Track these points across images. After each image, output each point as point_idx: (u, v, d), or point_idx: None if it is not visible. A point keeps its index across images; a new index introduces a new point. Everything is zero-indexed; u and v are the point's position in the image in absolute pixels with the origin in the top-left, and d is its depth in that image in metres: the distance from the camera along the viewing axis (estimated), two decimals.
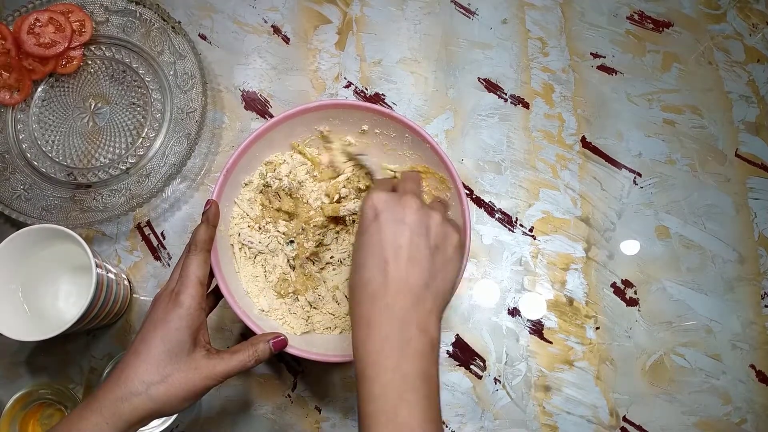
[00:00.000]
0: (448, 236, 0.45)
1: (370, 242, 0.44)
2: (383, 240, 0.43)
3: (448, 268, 0.45)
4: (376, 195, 0.45)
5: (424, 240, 0.44)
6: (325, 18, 0.75)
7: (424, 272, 0.43)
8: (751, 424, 0.65)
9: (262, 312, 0.58)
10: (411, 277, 0.42)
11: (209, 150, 0.71)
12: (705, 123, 0.72)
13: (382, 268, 0.43)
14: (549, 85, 0.73)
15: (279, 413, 0.65)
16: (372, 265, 0.43)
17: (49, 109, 0.71)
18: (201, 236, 0.52)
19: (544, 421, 0.65)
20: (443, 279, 0.44)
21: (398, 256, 0.43)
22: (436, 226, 0.45)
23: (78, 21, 0.70)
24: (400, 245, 0.43)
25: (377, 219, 0.44)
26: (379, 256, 0.43)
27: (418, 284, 0.43)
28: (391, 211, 0.44)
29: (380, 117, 0.58)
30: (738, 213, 0.70)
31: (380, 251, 0.43)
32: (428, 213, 0.45)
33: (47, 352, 0.66)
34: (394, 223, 0.44)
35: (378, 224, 0.44)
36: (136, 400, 0.45)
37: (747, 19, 0.76)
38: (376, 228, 0.44)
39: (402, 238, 0.43)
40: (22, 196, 0.67)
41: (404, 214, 0.44)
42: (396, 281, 0.42)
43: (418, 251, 0.43)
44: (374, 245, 0.44)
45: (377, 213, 0.45)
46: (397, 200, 0.45)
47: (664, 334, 0.67)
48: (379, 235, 0.44)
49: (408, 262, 0.43)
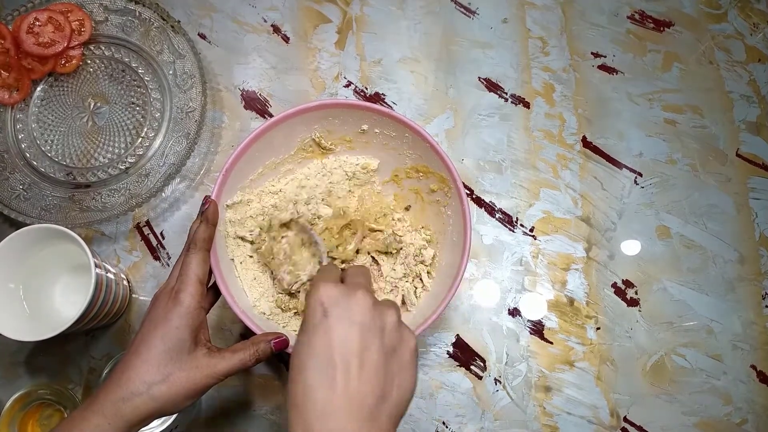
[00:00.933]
0: (404, 339, 0.41)
1: (317, 345, 0.39)
2: (332, 344, 0.39)
3: (405, 375, 0.40)
4: (323, 288, 0.41)
5: (377, 343, 0.39)
6: (325, 17, 0.75)
7: (378, 383, 0.38)
8: (751, 424, 0.65)
9: (263, 314, 0.58)
10: (363, 391, 0.38)
11: (209, 150, 0.71)
12: (706, 123, 0.72)
13: (330, 380, 0.38)
14: (550, 85, 0.73)
15: (279, 413, 0.64)
16: (318, 374, 0.38)
17: (48, 109, 0.70)
18: (200, 235, 0.51)
19: (544, 422, 0.64)
20: (399, 387, 0.40)
21: (349, 365, 0.38)
22: (391, 326, 0.41)
23: (77, 20, 0.70)
24: (351, 351, 0.38)
25: (326, 317, 0.40)
26: (327, 363, 0.38)
27: (371, 400, 0.38)
28: (341, 308, 0.40)
29: (380, 116, 0.58)
30: (739, 213, 0.70)
31: (328, 358, 0.38)
32: (382, 312, 0.41)
33: (46, 353, 0.66)
34: (345, 323, 0.39)
35: (326, 324, 0.40)
36: (137, 400, 0.45)
37: (748, 18, 0.75)
38: (323, 329, 0.39)
39: (353, 342, 0.39)
40: (21, 195, 0.67)
41: (355, 313, 0.40)
42: (345, 397, 0.37)
43: (370, 358, 0.39)
44: (321, 350, 0.39)
45: (325, 310, 0.40)
46: (347, 296, 0.41)
47: (664, 335, 0.67)
48: (327, 338, 0.39)
49: (360, 372, 0.38)
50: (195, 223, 0.52)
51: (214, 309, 0.66)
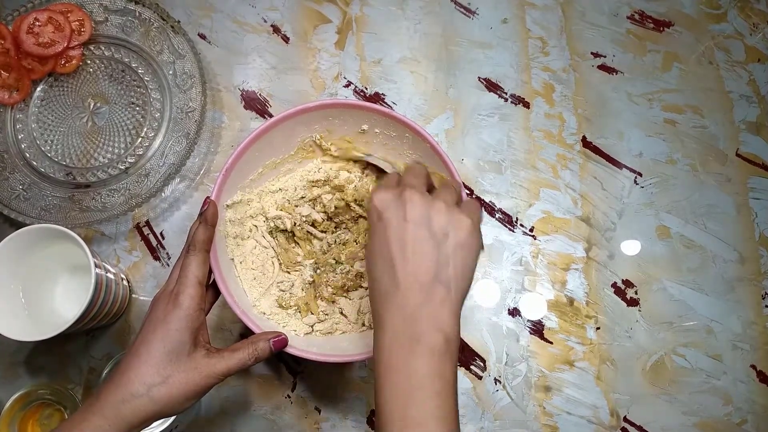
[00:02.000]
0: (455, 222, 0.44)
1: (376, 243, 0.44)
2: (388, 240, 0.43)
3: (461, 254, 0.43)
4: (377, 195, 0.45)
5: (427, 232, 0.43)
6: (325, 17, 0.75)
7: (431, 264, 0.42)
8: (751, 424, 0.65)
9: (263, 314, 0.58)
10: (419, 272, 0.42)
11: (208, 150, 0.71)
12: (706, 123, 0.72)
13: (389, 268, 0.43)
14: (549, 85, 0.73)
15: (278, 414, 0.64)
16: (380, 265, 0.44)
17: (48, 109, 0.70)
18: (200, 236, 0.51)
19: (544, 422, 0.64)
20: (455, 267, 0.43)
21: (404, 253, 0.43)
22: (440, 215, 0.44)
23: (77, 20, 0.70)
24: (405, 242, 0.43)
25: (381, 219, 0.44)
26: (386, 255, 0.43)
27: (426, 278, 0.42)
28: (393, 210, 0.44)
29: (380, 116, 0.58)
30: (739, 213, 0.70)
31: (386, 251, 0.43)
32: (431, 204, 0.44)
33: (46, 353, 0.66)
34: (396, 222, 0.44)
35: (382, 224, 0.44)
36: (137, 402, 0.45)
37: (748, 18, 0.75)
38: (380, 229, 0.44)
39: (406, 234, 0.43)
40: (21, 195, 0.67)
41: (405, 211, 0.44)
42: (403, 278, 0.42)
43: (422, 245, 0.43)
44: (380, 246, 0.44)
45: (380, 213, 0.45)
46: (398, 197, 0.45)
47: (664, 335, 0.67)
48: (383, 235, 0.44)
49: (413, 257, 0.42)
50: (194, 224, 0.52)
51: (214, 309, 0.66)
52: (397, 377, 0.41)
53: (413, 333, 0.41)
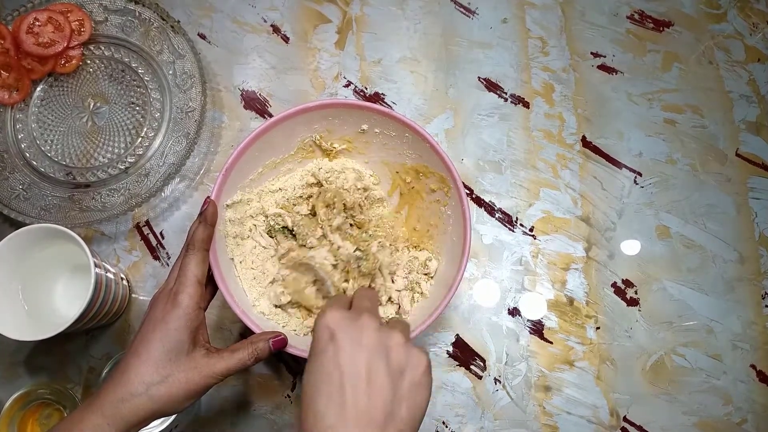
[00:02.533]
0: (413, 358, 0.41)
1: (324, 368, 0.40)
2: (339, 365, 0.40)
3: (416, 395, 0.40)
4: (330, 314, 0.42)
5: (383, 365, 0.40)
6: (325, 17, 0.75)
7: (386, 402, 0.39)
8: (751, 424, 0.65)
9: (263, 314, 0.58)
10: (371, 409, 0.38)
11: (208, 149, 0.71)
12: (706, 122, 0.72)
13: (338, 400, 0.39)
14: (549, 85, 0.73)
15: (278, 413, 0.64)
16: (327, 395, 0.39)
17: (48, 109, 0.70)
18: (199, 235, 0.51)
19: (544, 422, 0.64)
20: (410, 407, 0.40)
21: (356, 385, 0.39)
22: (398, 347, 0.41)
23: (77, 20, 0.70)
24: (358, 372, 0.39)
25: (332, 341, 0.41)
26: (335, 384, 0.39)
27: (380, 416, 0.38)
28: (347, 333, 0.41)
29: (380, 116, 0.58)
30: (739, 213, 0.70)
31: (336, 379, 0.39)
32: (388, 334, 0.41)
33: (46, 352, 0.66)
34: (351, 346, 0.40)
35: (334, 347, 0.40)
36: (136, 401, 0.45)
37: (747, 18, 0.75)
38: (332, 352, 0.40)
39: (360, 363, 0.39)
40: (21, 195, 0.67)
41: (362, 336, 0.40)
42: (354, 414, 0.38)
43: (377, 378, 0.39)
44: (329, 372, 0.40)
45: (332, 334, 0.41)
46: (353, 320, 0.42)
47: (664, 334, 0.67)
48: (334, 360, 0.40)
49: (367, 390, 0.39)
50: (194, 224, 0.52)
51: (214, 309, 0.66)
52: None
53: None
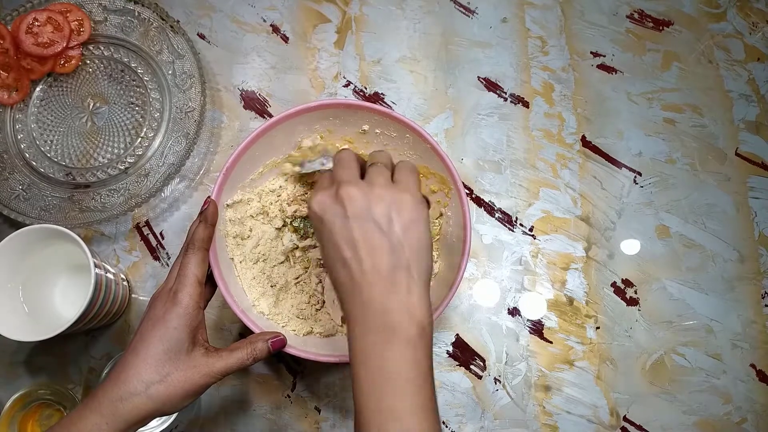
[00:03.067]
0: (396, 203, 0.43)
1: (327, 248, 0.44)
2: (336, 242, 0.43)
3: (411, 233, 0.43)
4: (314, 200, 0.45)
5: (372, 224, 0.42)
6: (324, 17, 0.75)
7: (386, 254, 0.42)
8: (751, 423, 0.65)
9: (262, 314, 0.58)
10: (377, 265, 0.42)
11: (208, 150, 0.71)
12: (705, 122, 0.72)
13: (347, 269, 0.42)
14: (549, 84, 0.73)
15: (278, 413, 0.64)
16: (337, 269, 0.43)
17: (47, 109, 0.70)
18: (199, 235, 0.51)
19: (544, 421, 0.64)
20: (410, 247, 0.42)
21: (356, 250, 0.42)
22: (379, 202, 0.43)
23: (76, 20, 0.70)
24: (354, 240, 0.42)
25: (323, 223, 0.44)
26: (340, 258, 0.43)
27: (385, 268, 0.42)
28: (332, 210, 0.43)
29: (381, 117, 0.58)
30: (738, 212, 0.70)
31: (339, 254, 0.43)
32: (369, 193, 0.43)
33: (46, 353, 0.66)
34: (340, 221, 0.43)
35: (326, 228, 0.43)
36: (135, 400, 0.45)
37: (747, 17, 0.75)
38: (326, 233, 0.44)
39: (353, 232, 0.42)
40: (20, 196, 0.67)
41: (346, 208, 0.43)
42: (362, 276, 0.42)
43: (372, 238, 0.42)
44: (331, 250, 0.43)
45: (320, 218, 0.44)
46: (335, 197, 0.44)
47: (664, 334, 0.67)
48: (331, 239, 0.43)
49: (367, 252, 0.42)
50: (194, 223, 0.52)
51: (214, 309, 0.66)
52: (372, 369, 0.41)
53: (385, 326, 0.41)
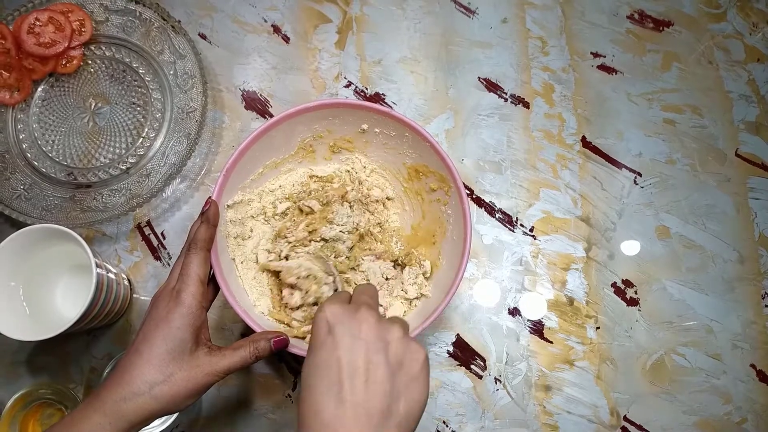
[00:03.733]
0: (411, 352, 0.41)
1: (323, 361, 0.40)
2: (338, 359, 0.39)
3: (414, 389, 0.40)
4: (329, 307, 0.42)
5: (383, 358, 0.39)
6: (325, 17, 0.75)
7: (384, 396, 0.38)
8: (751, 423, 0.65)
9: (263, 314, 0.58)
10: (370, 403, 0.38)
11: (209, 150, 0.71)
12: (705, 122, 0.72)
13: (336, 393, 0.38)
14: (549, 85, 0.73)
15: (279, 413, 0.65)
16: (325, 389, 0.39)
17: (49, 109, 0.71)
18: (201, 235, 0.51)
19: (544, 421, 0.65)
20: (408, 401, 0.39)
21: (354, 378, 0.38)
22: (397, 341, 0.41)
23: (78, 20, 0.70)
24: (357, 365, 0.39)
25: (331, 334, 0.40)
26: (332, 378, 0.39)
27: (378, 411, 0.38)
28: (346, 325, 0.40)
29: (380, 116, 0.58)
30: (738, 213, 0.70)
31: (334, 372, 0.39)
32: (387, 327, 0.41)
33: (47, 352, 0.66)
34: (349, 339, 0.40)
35: (332, 340, 0.40)
36: (139, 400, 0.45)
37: (747, 18, 0.76)
38: (330, 345, 0.40)
39: (358, 356, 0.39)
40: (22, 195, 0.67)
41: (360, 329, 0.40)
42: (352, 409, 0.38)
43: (377, 371, 0.39)
44: (327, 366, 0.39)
45: (330, 327, 0.41)
46: (352, 313, 0.41)
47: (664, 334, 0.67)
48: (333, 353, 0.40)
49: (366, 384, 0.38)
50: (195, 224, 0.53)
51: (215, 309, 0.66)
52: None
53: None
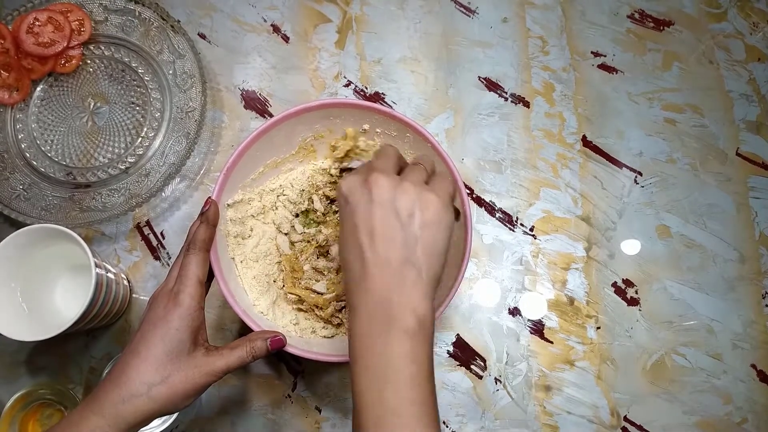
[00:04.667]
0: (422, 201, 0.43)
1: (345, 229, 0.43)
2: (356, 225, 0.42)
3: (428, 233, 0.42)
4: (344, 181, 0.44)
5: (393, 215, 0.42)
6: (325, 17, 0.75)
7: (399, 247, 0.41)
8: (752, 423, 0.65)
9: (262, 313, 0.58)
10: (388, 255, 0.41)
11: (209, 149, 0.71)
12: (706, 122, 0.72)
13: (359, 253, 0.42)
14: (550, 84, 0.73)
15: (279, 413, 0.64)
16: (350, 251, 0.43)
17: (48, 109, 0.70)
18: (200, 236, 0.51)
19: (544, 421, 0.64)
20: (424, 246, 0.42)
21: (372, 237, 0.42)
22: (405, 195, 0.42)
23: (77, 20, 0.70)
24: (372, 226, 0.42)
25: (347, 203, 0.43)
26: (355, 241, 0.42)
27: (396, 261, 0.41)
28: (359, 194, 0.43)
29: (381, 116, 0.58)
30: (739, 212, 0.70)
31: (354, 237, 0.42)
32: (398, 185, 0.43)
33: (47, 352, 0.66)
34: (363, 205, 0.43)
35: (349, 209, 0.43)
36: (137, 402, 0.45)
37: (748, 17, 0.75)
38: (348, 214, 0.43)
39: (374, 218, 0.42)
40: (21, 195, 0.67)
41: (372, 194, 0.42)
42: (373, 264, 0.41)
43: (390, 228, 0.42)
44: (349, 231, 0.43)
45: (346, 198, 0.44)
46: (364, 181, 0.43)
47: (665, 334, 0.67)
48: (351, 221, 0.43)
49: (382, 241, 0.41)
50: (195, 224, 0.52)
51: (215, 308, 0.66)
52: (371, 361, 0.40)
53: (386, 317, 0.41)
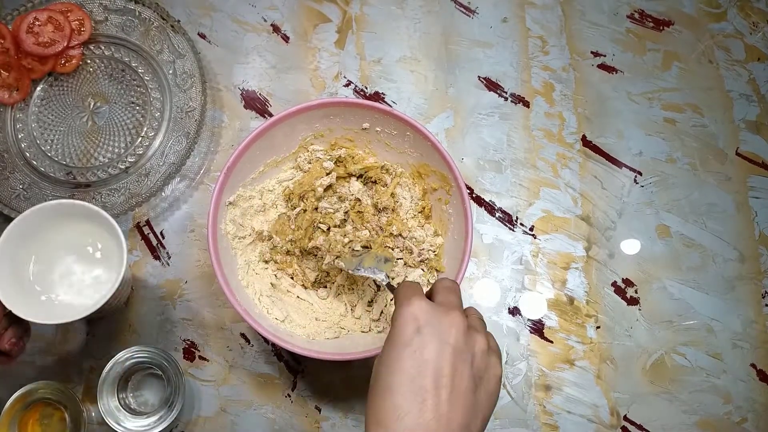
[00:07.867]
0: (491, 367, 0.39)
1: (408, 361, 0.38)
2: (425, 362, 0.37)
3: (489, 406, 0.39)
4: (417, 304, 0.39)
5: (468, 369, 0.38)
6: (325, 17, 0.75)
7: (467, 411, 0.37)
8: (751, 423, 0.65)
9: (264, 313, 0.58)
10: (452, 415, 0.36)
11: (208, 149, 0.71)
12: (705, 122, 0.72)
13: (421, 400, 0.36)
14: (549, 84, 0.73)
15: (279, 413, 0.64)
16: (407, 391, 0.37)
17: (48, 109, 0.70)
18: None
19: (544, 421, 0.64)
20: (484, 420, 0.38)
21: (439, 386, 0.37)
22: (482, 352, 0.39)
23: (77, 20, 0.70)
24: (443, 373, 0.37)
25: (419, 334, 0.38)
26: (419, 383, 0.37)
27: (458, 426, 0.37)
28: (436, 328, 0.38)
29: (381, 115, 0.58)
30: (739, 212, 0.70)
31: (419, 376, 0.37)
32: (473, 336, 0.39)
33: (46, 352, 0.66)
34: (438, 344, 0.38)
35: (420, 341, 0.38)
36: None
37: (747, 17, 0.76)
38: (417, 345, 0.38)
39: (445, 363, 0.37)
40: (21, 195, 0.67)
41: (449, 334, 0.38)
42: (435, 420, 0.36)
43: (461, 382, 0.37)
44: (412, 366, 0.37)
45: (419, 327, 0.38)
46: (442, 315, 0.39)
47: (664, 333, 0.67)
48: (418, 357, 0.37)
49: (450, 397, 0.37)
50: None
51: (215, 308, 0.66)
52: None
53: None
